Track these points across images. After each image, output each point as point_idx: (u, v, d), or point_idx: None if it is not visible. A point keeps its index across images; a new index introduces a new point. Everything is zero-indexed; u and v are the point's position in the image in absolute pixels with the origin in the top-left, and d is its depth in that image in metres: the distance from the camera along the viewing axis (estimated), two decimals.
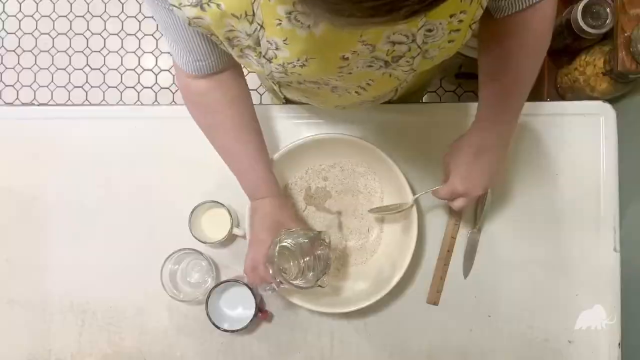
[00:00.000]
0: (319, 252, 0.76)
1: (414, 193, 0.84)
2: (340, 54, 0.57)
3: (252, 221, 0.80)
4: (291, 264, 0.74)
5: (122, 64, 1.91)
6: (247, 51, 0.58)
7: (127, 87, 1.91)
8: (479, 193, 0.74)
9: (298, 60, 0.57)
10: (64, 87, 1.92)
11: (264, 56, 0.57)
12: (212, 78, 0.70)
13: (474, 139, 0.73)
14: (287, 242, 0.73)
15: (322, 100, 0.82)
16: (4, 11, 1.95)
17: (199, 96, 0.72)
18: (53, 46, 1.93)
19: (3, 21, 1.94)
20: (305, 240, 0.75)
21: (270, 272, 0.72)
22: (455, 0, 0.52)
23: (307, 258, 0.75)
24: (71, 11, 1.93)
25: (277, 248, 0.72)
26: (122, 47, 1.92)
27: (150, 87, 1.90)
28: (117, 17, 1.92)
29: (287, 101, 0.97)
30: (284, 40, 0.54)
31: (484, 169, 0.74)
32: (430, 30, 0.55)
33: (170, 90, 1.90)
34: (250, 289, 0.86)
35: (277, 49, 0.56)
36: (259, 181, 0.78)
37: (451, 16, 0.54)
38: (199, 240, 0.88)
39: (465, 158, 0.74)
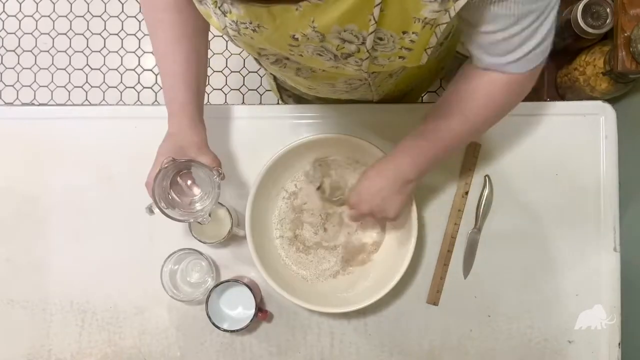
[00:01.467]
0: (203, 187, 0.75)
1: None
2: (290, 33, 0.56)
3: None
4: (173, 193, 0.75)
5: (122, 64, 1.91)
6: None
7: (127, 87, 1.91)
8: (365, 210, 0.77)
9: (251, 23, 0.56)
10: (64, 87, 1.92)
11: (219, 7, 0.57)
12: None
13: (378, 164, 0.77)
14: (168, 172, 0.73)
15: (295, 81, 0.81)
16: (4, 11, 1.95)
17: None
18: (53, 46, 1.93)
19: (3, 21, 1.94)
20: (192, 172, 0.76)
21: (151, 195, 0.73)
22: (409, 18, 0.53)
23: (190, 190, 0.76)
24: (71, 11, 1.93)
25: (157, 177, 0.72)
26: (122, 47, 1.92)
27: (150, 87, 1.90)
28: (117, 17, 1.92)
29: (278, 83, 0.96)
30: None
31: (376, 191, 0.76)
32: (380, 39, 0.56)
33: None
34: (250, 289, 0.86)
35: (232, 4, 0.55)
36: (174, 94, 0.75)
37: (404, 32, 0.55)
38: (199, 240, 0.88)
39: (365, 176, 0.77)
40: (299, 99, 1.05)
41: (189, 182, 0.77)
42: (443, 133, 0.71)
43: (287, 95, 1.07)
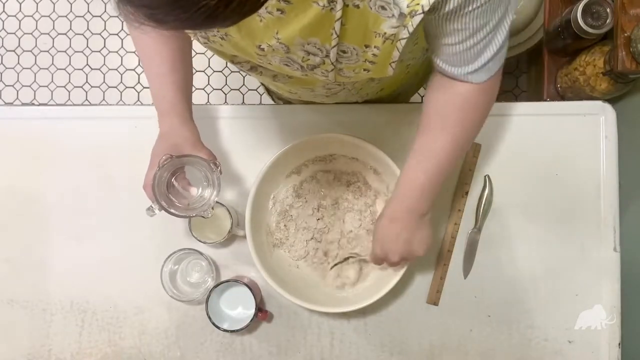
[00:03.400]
0: (200, 186, 0.76)
1: None
2: (257, 43, 0.57)
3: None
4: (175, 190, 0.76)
5: (122, 64, 1.91)
6: None
7: (127, 87, 1.91)
8: (396, 259, 0.77)
9: (218, 31, 0.57)
10: (64, 87, 1.92)
11: None
12: None
13: (388, 209, 0.76)
14: (167, 170, 0.73)
15: (275, 86, 0.81)
16: (4, 11, 1.95)
17: None
18: (53, 46, 1.93)
19: (3, 21, 1.94)
20: (184, 168, 0.76)
21: (153, 195, 0.73)
22: (370, 32, 0.54)
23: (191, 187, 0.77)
24: (71, 11, 1.93)
25: (156, 175, 0.72)
26: (122, 47, 1.92)
27: None
28: (117, 17, 1.92)
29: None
30: None
31: (397, 237, 0.75)
32: (344, 52, 0.57)
33: None
34: (250, 289, 0.86)
35: None
36: (163, 94, 0.75)
37: (366, 46, 0.56)
38: (199, 240, 0.88)
39: (380, 226, 0.77)
40: (288, 102, 1.05)
41: (184, 184, 0.77)
42: (436, 156, 0.71)
43: (277, 97, 1.07)
